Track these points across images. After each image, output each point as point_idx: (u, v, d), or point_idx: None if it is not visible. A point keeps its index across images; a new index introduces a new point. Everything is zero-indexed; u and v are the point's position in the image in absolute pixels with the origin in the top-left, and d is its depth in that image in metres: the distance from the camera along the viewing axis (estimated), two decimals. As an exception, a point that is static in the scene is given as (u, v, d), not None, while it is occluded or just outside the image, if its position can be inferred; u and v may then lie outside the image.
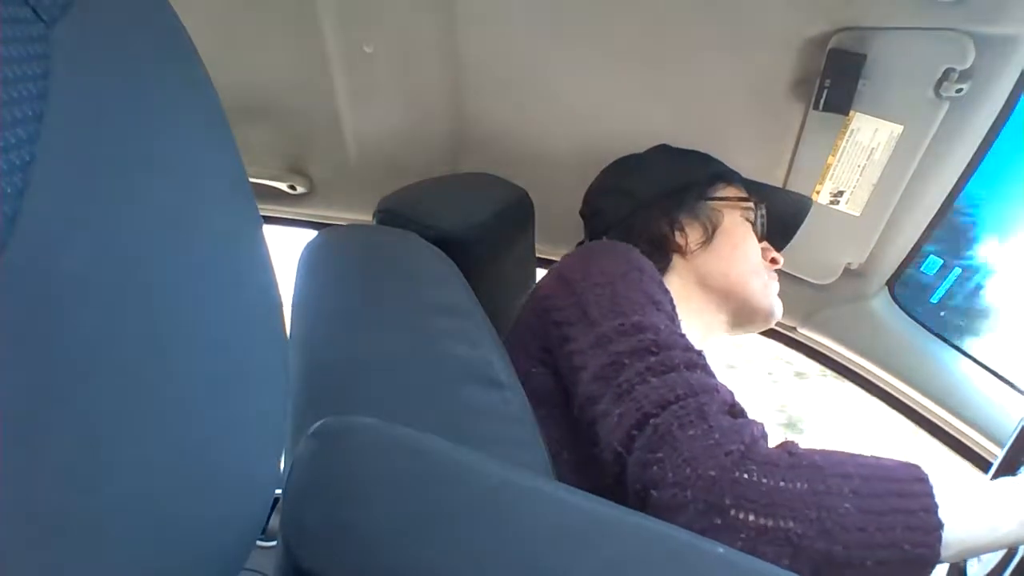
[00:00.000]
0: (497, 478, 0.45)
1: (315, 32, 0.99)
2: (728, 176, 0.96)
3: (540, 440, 0.63)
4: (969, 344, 1.14)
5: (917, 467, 0.58)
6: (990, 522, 0.58)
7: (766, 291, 0.92)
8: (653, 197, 0.93)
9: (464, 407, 0.60)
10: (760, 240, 0.95)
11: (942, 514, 0.55)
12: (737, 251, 0.91)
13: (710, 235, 0.91)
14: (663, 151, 0.99)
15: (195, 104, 0.38)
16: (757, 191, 0.97)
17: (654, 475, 0.56)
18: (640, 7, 0.90)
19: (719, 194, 0.94)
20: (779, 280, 0.98)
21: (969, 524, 0.57)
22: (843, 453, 0.59)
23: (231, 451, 0.37)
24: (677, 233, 0.91)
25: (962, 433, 1.13)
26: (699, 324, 0.89)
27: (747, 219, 0.94)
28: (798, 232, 1.02)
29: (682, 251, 0.90)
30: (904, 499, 0.55)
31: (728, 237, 0.91)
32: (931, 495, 0.56)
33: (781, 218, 1.00)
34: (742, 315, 0.92)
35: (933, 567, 0.55)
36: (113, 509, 0.29)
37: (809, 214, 1.02)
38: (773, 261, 0.96)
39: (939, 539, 0.54)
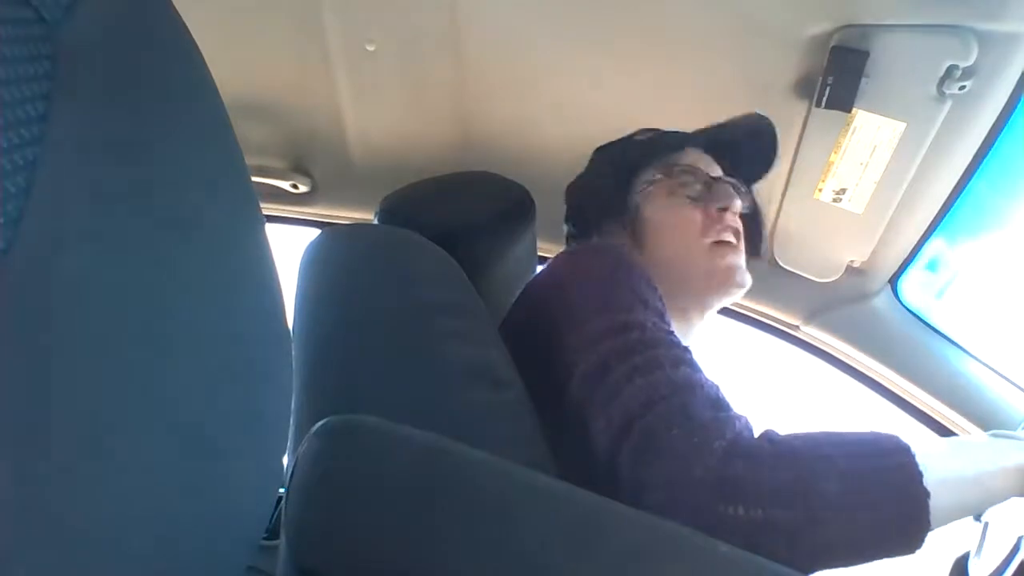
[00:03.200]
0: (500, 476, 0.45)
1: (317, 31, 0.99)
2: (651, 152, 0.92)
3: (542, 438, 0.63)
4: (972, 341, 1.14)
5: (897, 437, 0.58)
6: (974, 478, 0.59)
7: (712, 257, 0.86)
8: (586, 210, 0.95)
9: (466, 406, 0.60)
10: (709, 197, 0.89)
11: (927, 481, 0.55)
12: (665, 235, 0.88)
13: (639, 232, 0.89)
14: (596, 158, 0.99)
15: (198, 103, 0.38)
16: (689, 141, 0.93)
17: (643, 478, 0.57)
18: (642, 6, 0.90)
19: (640, 181, 0.91)
20: (781, 278, 0.96)
21: (955, 488, 0.58)
22: (822, 434, 0.59)
23: (234, 450, 0.37)
24: (617, 238, 0.89)
25: (965, 431, 1.12)
26: (677, 314, 0.86)
27: (671, 192, 0.90)
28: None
29: (632, 251, 0.87)
30: (888, 472, 0.56)
31: (656, 228, 0.88)
32: (914, 464, 0.56)
33: (746, 147, 0.94)
34: (701, 289, 0.87)
35: (925, 535, 0.55)
36: (116, 508, 0.29)
37: (811, 212, 1.01)
38: (721, 213, 0.88)
39: (926, 507, 0.54)
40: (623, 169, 0.93)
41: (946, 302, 1.22)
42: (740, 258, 0.89)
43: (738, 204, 0.89)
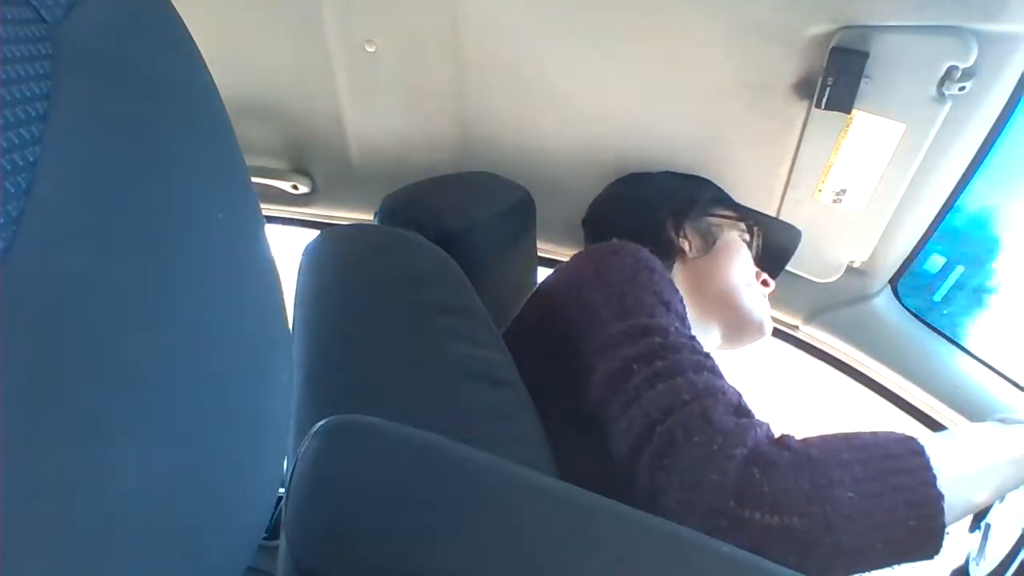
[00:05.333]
0: (500, 476, 0.45)
1: (317, 32, 0.99)
2: (727, 201, 1.02)
3: (543, 439, 0.63)
4: (970, 340, 1.14)
5: (912, 439, 0.59)
6: (985, 471, 0.60)
7: (757, 305, 0.96)
8: (659, 207, 0.97)
9: (466, 406, 0.60)
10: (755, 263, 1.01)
11: (941, 483, 0.55)
12: (733, 264, 0.96)
13: (710, 245, 0.96)
14: (669, 173, 1.05)
15: (197, 104, 0.38)
16: (753, 217, 1.02)
17: (661, 481, 0.57)
18: (643, 7, 0.90)
19: (720, 210, 1.00)
20: (781, 278, 1.01)
21: (971, 485, 0.59)
22: (837, 437, 0.59)
23: (235, 450, 0.37)
24: (681, 239, 0.95)
25: (965, 431, 1.12)
26: (701, 328, 0.91)
27: (743, 240, 0.99)
28: (790, 256, 1.07)
29: (684, 256, 0.95)
30: (902, 476, 0.56)
31: (726, 250, 0.96)
32: (928, 467, 0.56)
33: (773, 248, 1.05)
34: (734, 326, 0.95)
35: (941, 538, 0.56)
36: (117, 509, 0.29)
37: (811, 212, 1.02)
38: (765, 284, 1.00)
39: (941, 510, 0.55)
40: (711, 191, 1.02)
41: (946, 301, 1.22)
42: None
43: (772, 285, 1.01)
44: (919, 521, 0.54)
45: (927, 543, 0.55)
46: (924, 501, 0.55)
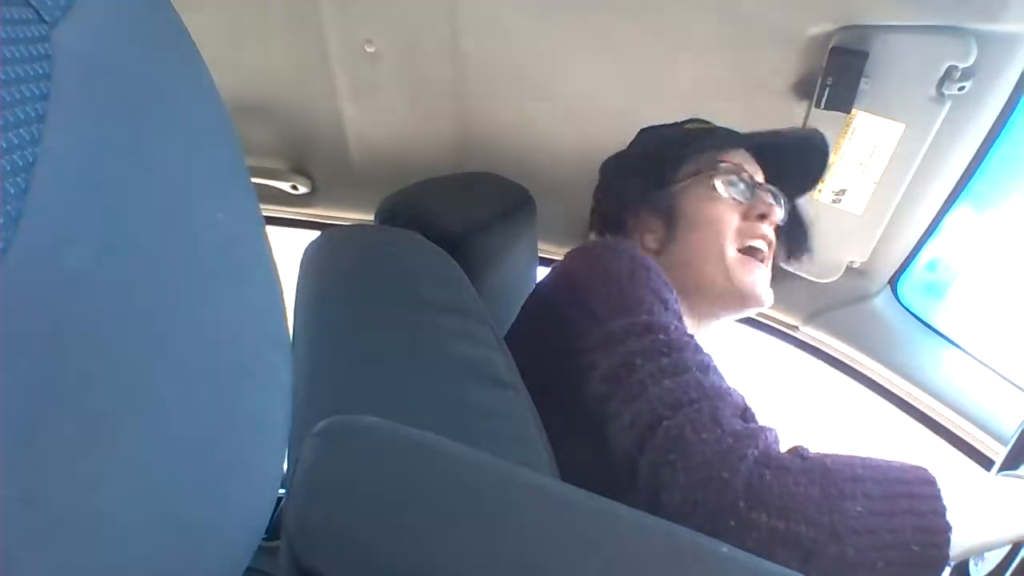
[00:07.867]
0: (500, 477, 0.45)
1: (317, 32, 0.99)
2: (698, 145, 0.89)
3: (543, 439, 0.63)
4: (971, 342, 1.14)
5: (925, 469, 0.59)
6: (996, 521, 0.59)
7: (737, 268, 0.84)
8: (623, 193, 0.90)
9: (467, 406, 0.60)
10: (751, 201, 0.87)
11: (950, 516, 0.55)
12: (700, 235, 0.85)
13: (673, 225, 0.87)
14: (640, 137, 0.96)
15: (197, 104, 0.38)
16: (740, 141, 0.90)
17: (666, 477, 0.57)
18: (643, 7, 0.90)
19: (681, 172, 0.89)
20: (780, 279, 0.96)
21: (976, 525, 0.58)
22: (851, 456, 0.59)
23: (234, 450, 0.37)
24: (647, 235, 0.88)
25: (965, 431, 1.12)
26: (690, 317, 0.85)
27: (713, 188, 0.87)
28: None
29: (652, 249, 0.87)
30: (913, 501, 0.56)
31: (689, 223, 0.86)
32: (939, 497, 0.56)
33: (793, 161, 0.92)
34: (715, 299, 0.85)
35: (943, 568, 0.55)
36: (116, 508, 0.29)
37: (811, 212, 1.01)
38: (762, 218, 0.86)
39: (947, 541, 0.55)
40: (667, 154, 0.90)
41: (946, 302, 1.22)
42: (765, 274, 0.87)
43: (778, 214, 0.88)
44: (924, 548, 0.54)
45: (928, 570, 0.55)
46: (932, 529, 0.55)
